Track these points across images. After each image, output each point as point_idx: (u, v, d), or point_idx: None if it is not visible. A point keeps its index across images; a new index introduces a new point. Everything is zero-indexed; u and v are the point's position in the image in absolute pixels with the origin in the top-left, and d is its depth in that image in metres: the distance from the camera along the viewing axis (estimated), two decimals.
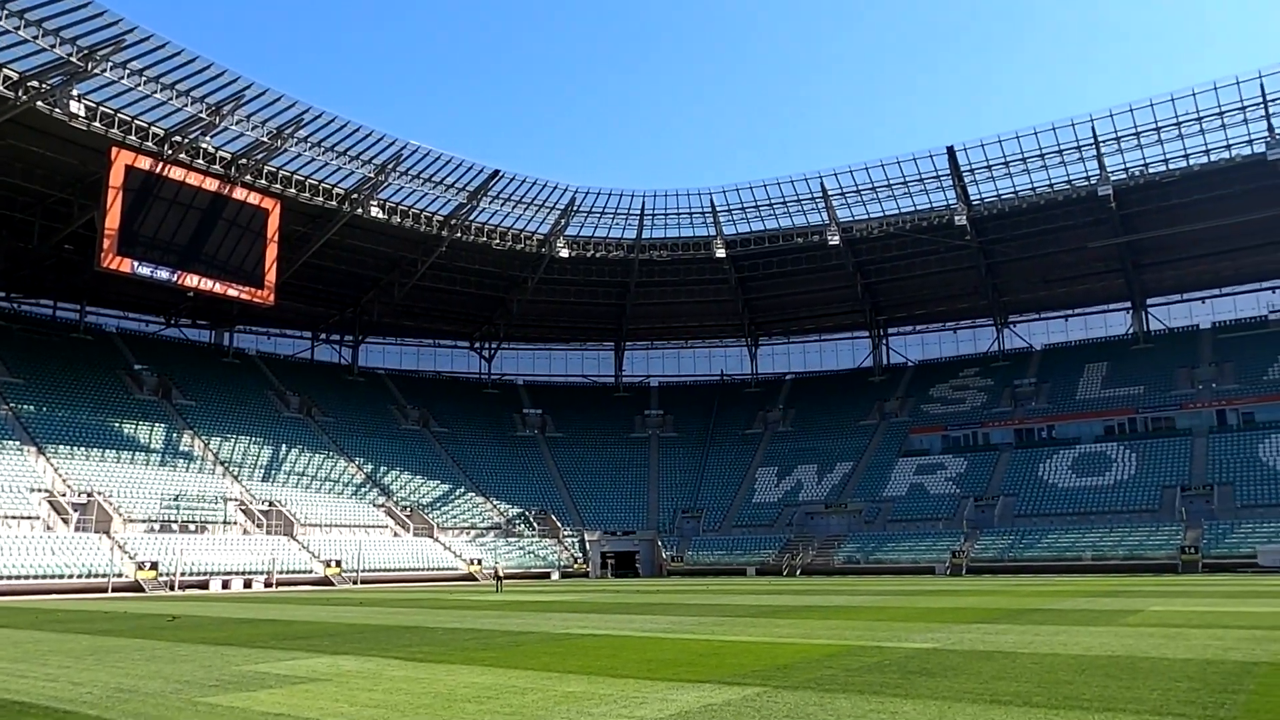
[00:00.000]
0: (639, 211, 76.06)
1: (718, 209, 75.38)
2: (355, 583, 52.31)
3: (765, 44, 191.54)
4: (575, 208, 74.42)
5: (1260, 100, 57.97)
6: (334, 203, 64.24)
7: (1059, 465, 63.86)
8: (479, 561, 60.86)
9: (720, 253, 76.72)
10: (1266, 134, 59.36)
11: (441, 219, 70.20)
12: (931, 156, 67.27)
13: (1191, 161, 62.82)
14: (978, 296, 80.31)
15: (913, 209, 71.51)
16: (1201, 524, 52.22)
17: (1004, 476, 65.08)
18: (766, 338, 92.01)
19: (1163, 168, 63.72)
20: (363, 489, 66.41)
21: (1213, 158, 62.16)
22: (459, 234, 71.41)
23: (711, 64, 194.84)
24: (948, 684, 10.22)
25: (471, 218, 71.50)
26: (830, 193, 71.58)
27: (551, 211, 73.87)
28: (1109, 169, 64.35)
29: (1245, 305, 74.17)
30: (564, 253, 75.99)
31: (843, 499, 68.54)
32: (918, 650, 13.57)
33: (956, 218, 68.93)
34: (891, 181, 69.53)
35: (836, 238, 72.72)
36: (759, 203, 74.24)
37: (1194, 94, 58.81)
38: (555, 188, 71.62)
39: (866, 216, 73.10)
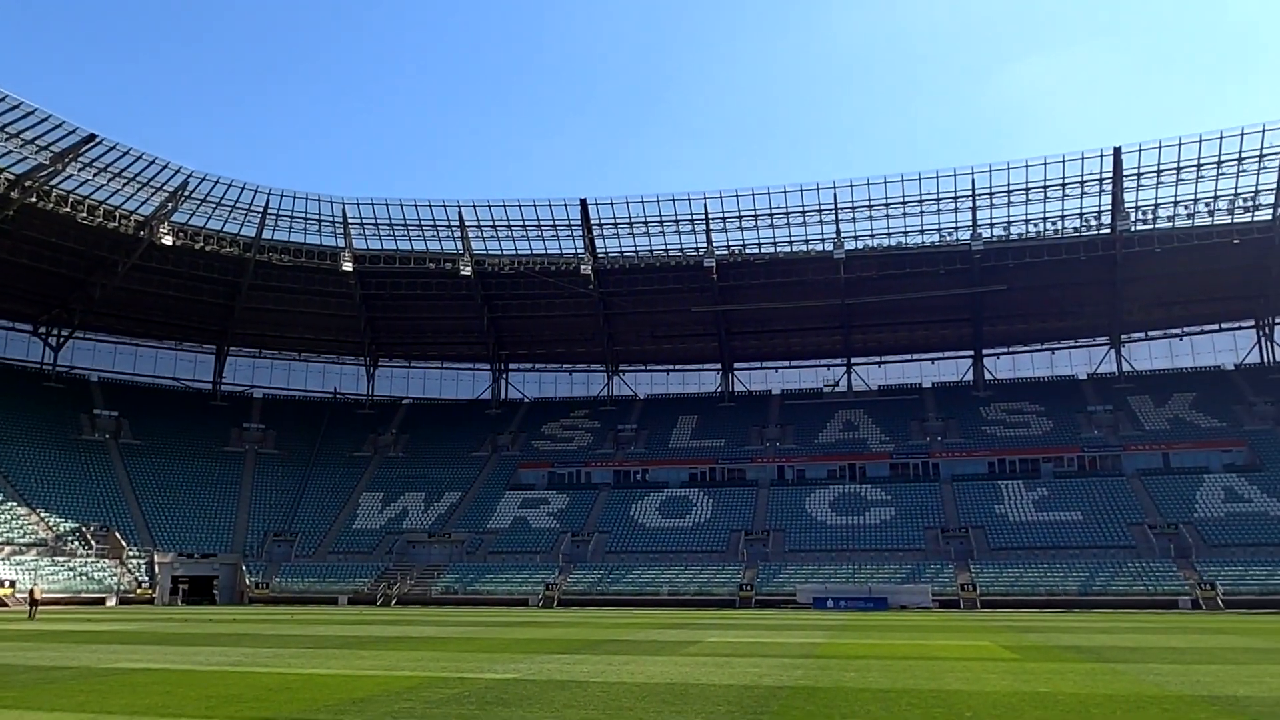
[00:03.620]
0: (262, 209, 70.96)
1: (349, 220, 72.64)
2: None
3: (417, 65, 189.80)
4: (188, 193, 67.50)
5: (833, 206, 68.87)
6: None
7: (649, 506, 69.30)
8: (12, 584, 51.64)
9: (347, 266, 73.85)
10: (834, 235, 70.48)
11: (13, 178, 59.73)
12: (566, 205, 70.90)
13: (779, 248, 72.58)
14: (594, 343, 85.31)
15: (544, 252, 74.50)
16: (758, 565, 59.51)
17: (601, 514, 69.16)
18: (387, 359, 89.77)
19: (756, 250, 72.89)
20: None
21: (794, 248, 72.35)
22: (35, 199, 61.22)
23: (356, 69, 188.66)
24: (522, 713, 10.52)
25: (55, 183, 61.75)
26: (467, 224, 72.33)
27: (158, 192, 66.24)
28: (715, 244, 72.24)
29: (807, 377, 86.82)
30: (168, 240, 68.33)
31: (447, 529, 68.35)
32: (498, 680, 13.84)
33: (583, 266, 73.12)
34: (527, 223, 72.06)
35: (469, 269, 73.49)
36: (394, 221, 72.86)
37: (785, 191, 68.58)
38: (165, 167, 64.47)
39: (500, 252, 74.80)
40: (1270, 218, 64.42)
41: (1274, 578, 50.72)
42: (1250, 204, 64.06)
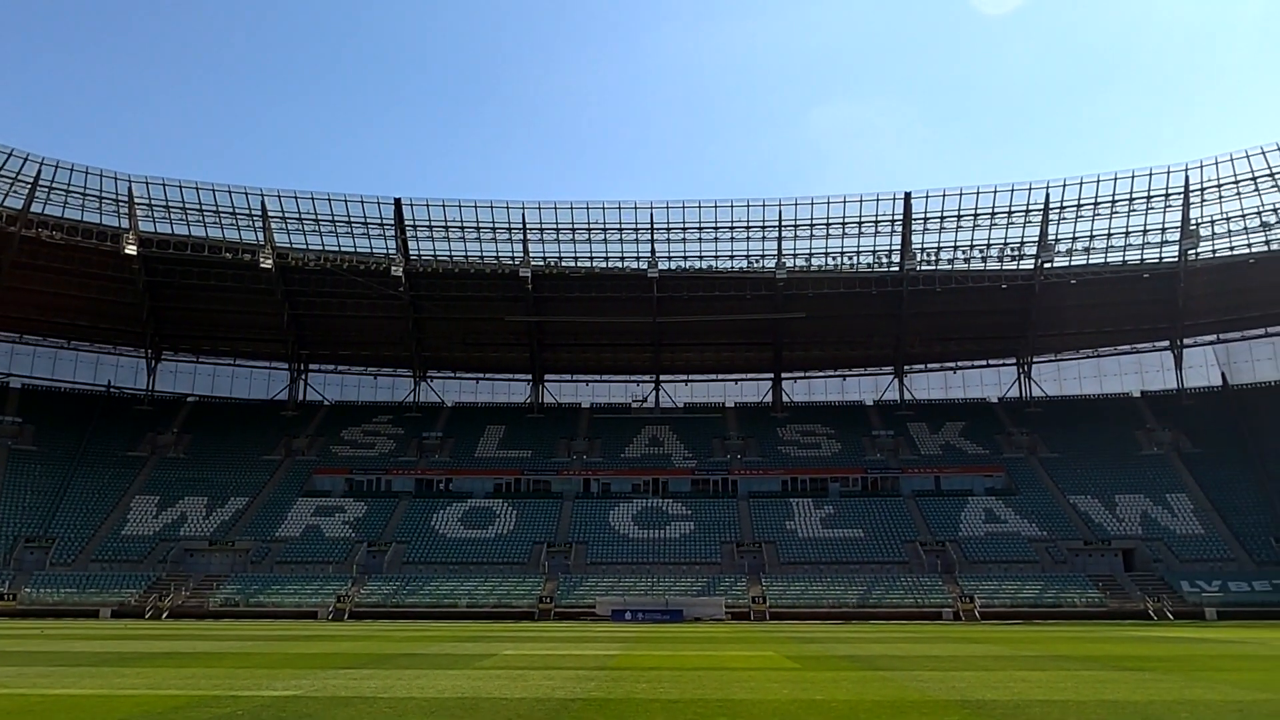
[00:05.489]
0: (31, 179, 64.35)
1: (136, 200, 67.09)
2: None
3: (221, 44, 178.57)
4: None
5: (649, 226, 70.51)
6: None
7: (451, 517, 67.90)
8: None
9: (131, 249, 68.10)
10: (649, 254, 72.07)
11: None
12: (379, 204, 68.74)
13: (595, 263, 73.37)
14: (402, 347, 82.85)
15: (354, 250, 71.76)
16: (559, 577, 59.60)
17: (400, 524, 67.05)
18: (171, 352, 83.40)
19: (573, 263, 73.34)
20: None
21: (610, 264, 73.34)
22: None
23: (161, 44, 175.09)
24: None
25: None
26: (271, 214, 68.58)
27: None
28: (531, 255, 72.09)
29: (617, 392, 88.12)
30: None
31: (231, 536, 64.12)
32: (276, 698, 13.08)
33: (394, 268, 70.93)
34: (337, 218, 69.24)
35: (270, 262, 69.60)
36: (188, 205, 68.03)
37: (603, 208, 69.60)
38: None
39: (305, 247, 71.35)
40: (1032, 267, 71.74)
41: (1022, 592, 56.23)
42: (1016, 253, 71.07)
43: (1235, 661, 19.57)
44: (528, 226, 70.48)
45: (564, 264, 73.38)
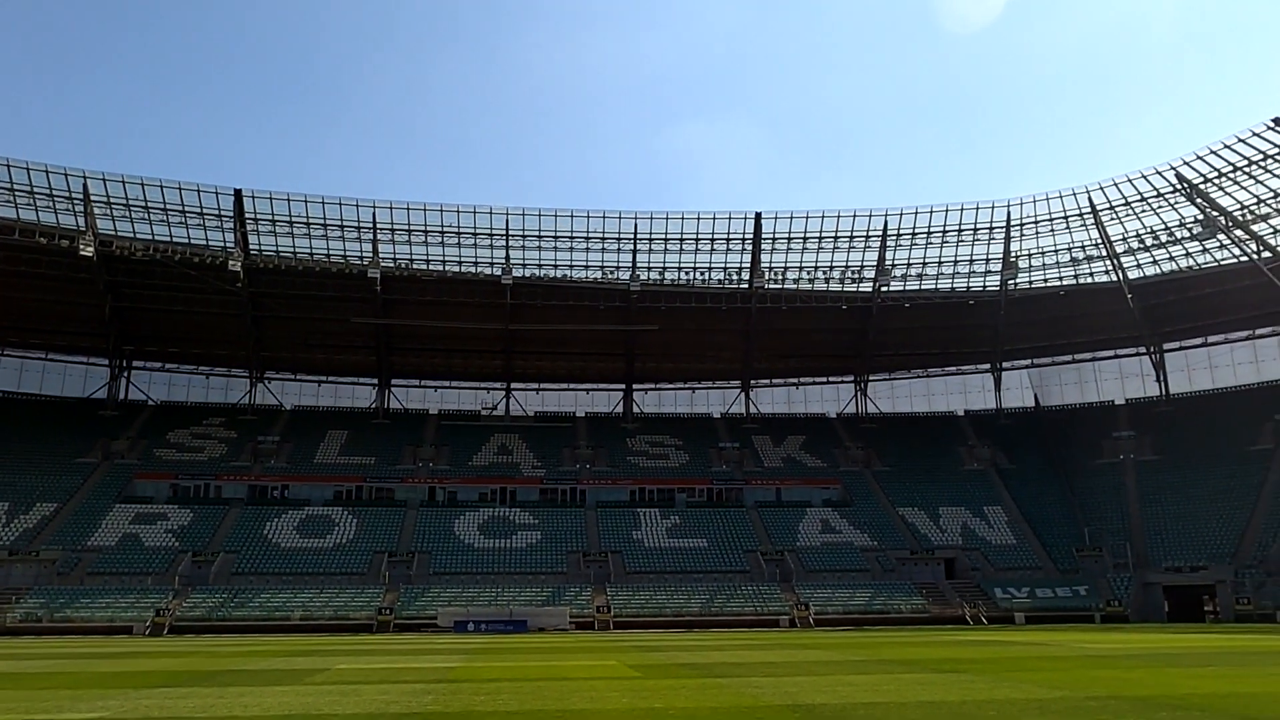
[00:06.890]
0: None
1: None
2: None
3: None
4: None
5: (504, 232, 69.90)
6: None
7: (286, 525, 64.86)
8: None
9: None
10: (504, 261, 71.40)
11: None
12: (217, 194, 65.14)
13: (447, 267, 71.98)
14: (238, 346, 78.67)
15: (187, 241, 67.59)
16: (400, 588, 57.93)
17: (230, 532, 63.52)
18: None
19: (424, 266, 71.68)
20: None
21: (463, 269, 72.14)
22: None
23: None
24: None
25: None
26: (95, 198, 63.79)
27: None
28: (381, 255, 70.01)
29: (466, 399, 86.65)
30: None
31: (35, 545, 58.93)
32: None
33: (232, 263, 67.25)
34: (169, 206, 65.12)
35: (91, 249, 64.60)
36: None
37: (458, 211, 68.78)
38: None
39: (133, 235, 66.66)
40: (870, 290, 75.54)
41: (853, 599, 58.91)
42: (857, 276, 74.69)
43: (1039, 662, 21.18)
44: (378, 226, 68.46)
45: (415, 266, 71.66)
